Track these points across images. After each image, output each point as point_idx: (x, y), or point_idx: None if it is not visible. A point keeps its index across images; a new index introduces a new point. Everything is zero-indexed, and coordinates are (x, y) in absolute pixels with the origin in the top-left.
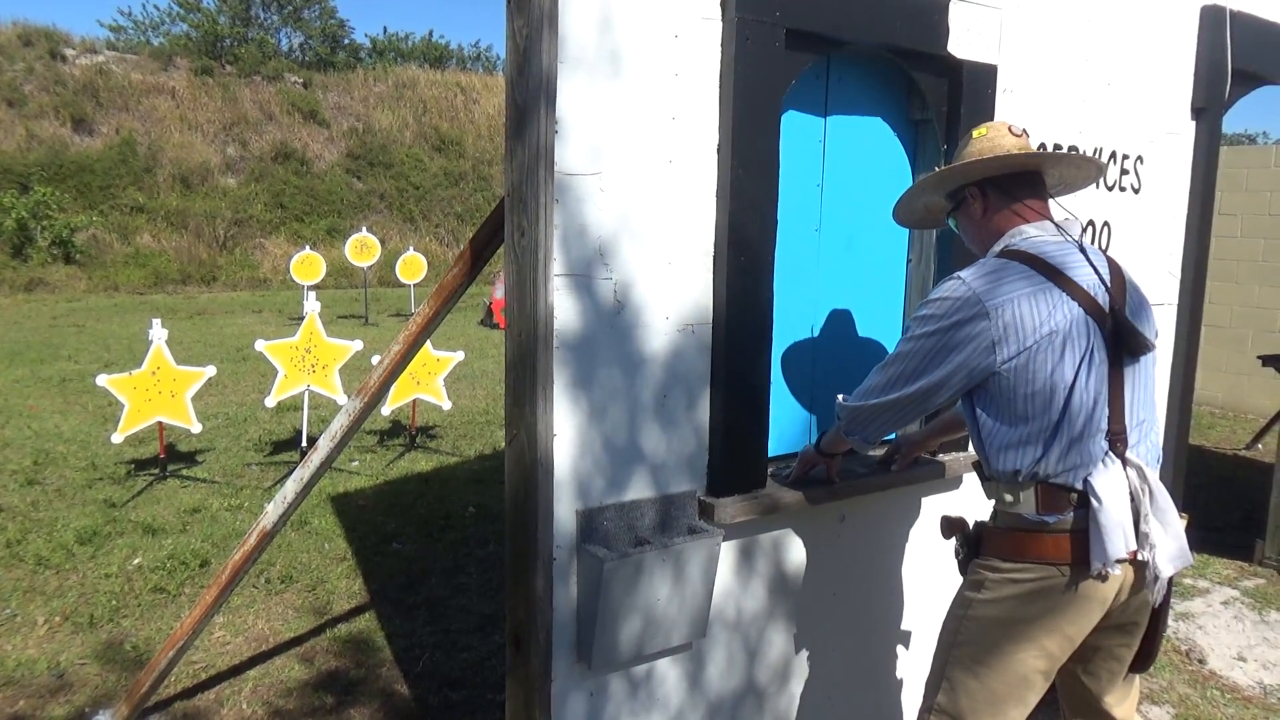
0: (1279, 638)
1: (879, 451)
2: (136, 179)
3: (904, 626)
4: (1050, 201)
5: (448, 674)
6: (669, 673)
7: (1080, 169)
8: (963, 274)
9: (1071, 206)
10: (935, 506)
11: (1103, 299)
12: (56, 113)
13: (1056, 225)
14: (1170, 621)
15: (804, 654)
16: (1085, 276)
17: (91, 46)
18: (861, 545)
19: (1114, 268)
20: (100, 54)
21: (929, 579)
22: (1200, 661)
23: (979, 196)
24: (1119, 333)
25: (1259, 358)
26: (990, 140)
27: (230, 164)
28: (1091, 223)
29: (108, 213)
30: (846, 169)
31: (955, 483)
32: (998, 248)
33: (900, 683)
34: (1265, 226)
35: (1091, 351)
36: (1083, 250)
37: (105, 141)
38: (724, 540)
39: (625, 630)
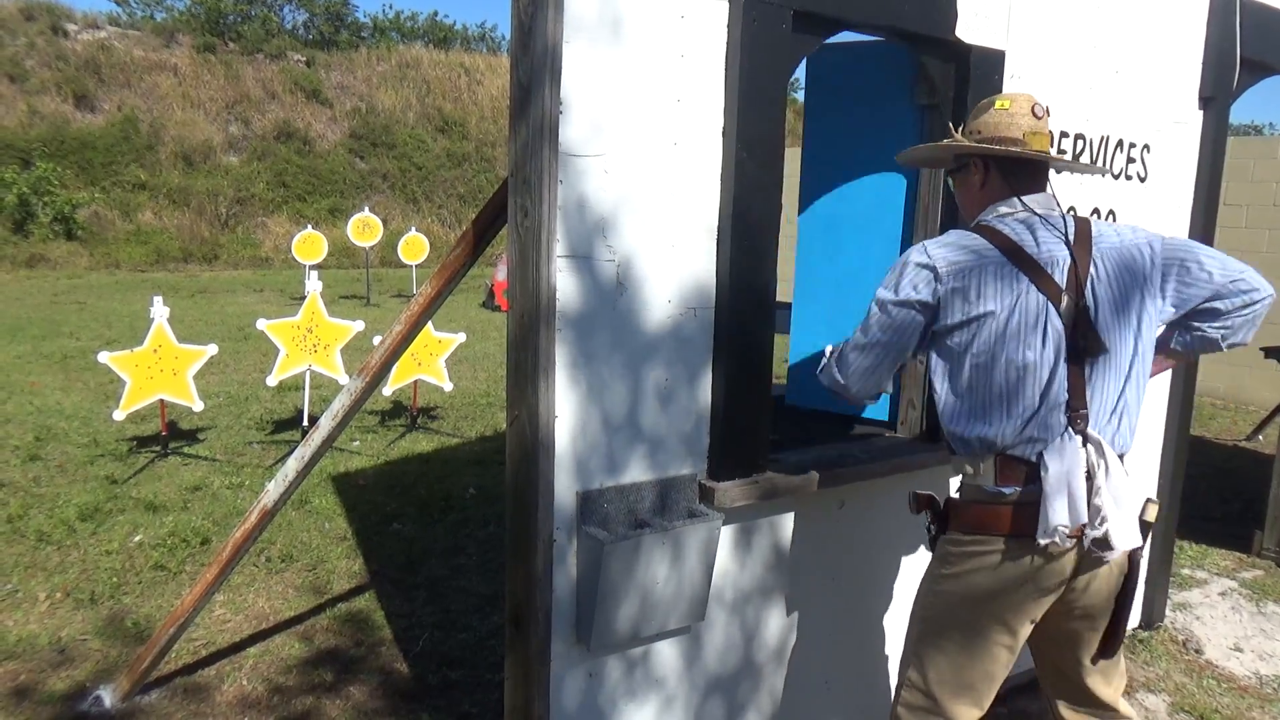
0: (1276, 629)
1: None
2: (139, 156)
3: (901, 612)
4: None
5: (447, 654)
6: (667, 654)
7: (1084, 173)
8: (927, 243)
9: (1078, 194)
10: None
11: (1061, 279)
12: (59, 88)
13: (1029, 207)
14: (1168, 611)
15: (802, 638)
16: (1046, 257)
17: (94, 22)
18: (860, 531)
19: (1083, 250)
20: (102, 30)
21: (925, 564)
22: (1197, 651)
23: (981, 169)
24: (1077, 326)
25: (1261, 349)
26: (1010, 116)
27: (232, 142)
28: (1096, 210)
29: (110, 189)
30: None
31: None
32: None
33: (897, 666)
34: (1270, 217)
35: (1046, 330)
36: (1052, 230)
37: (107, 118)
38: (723, 524)
39: (623, 612)
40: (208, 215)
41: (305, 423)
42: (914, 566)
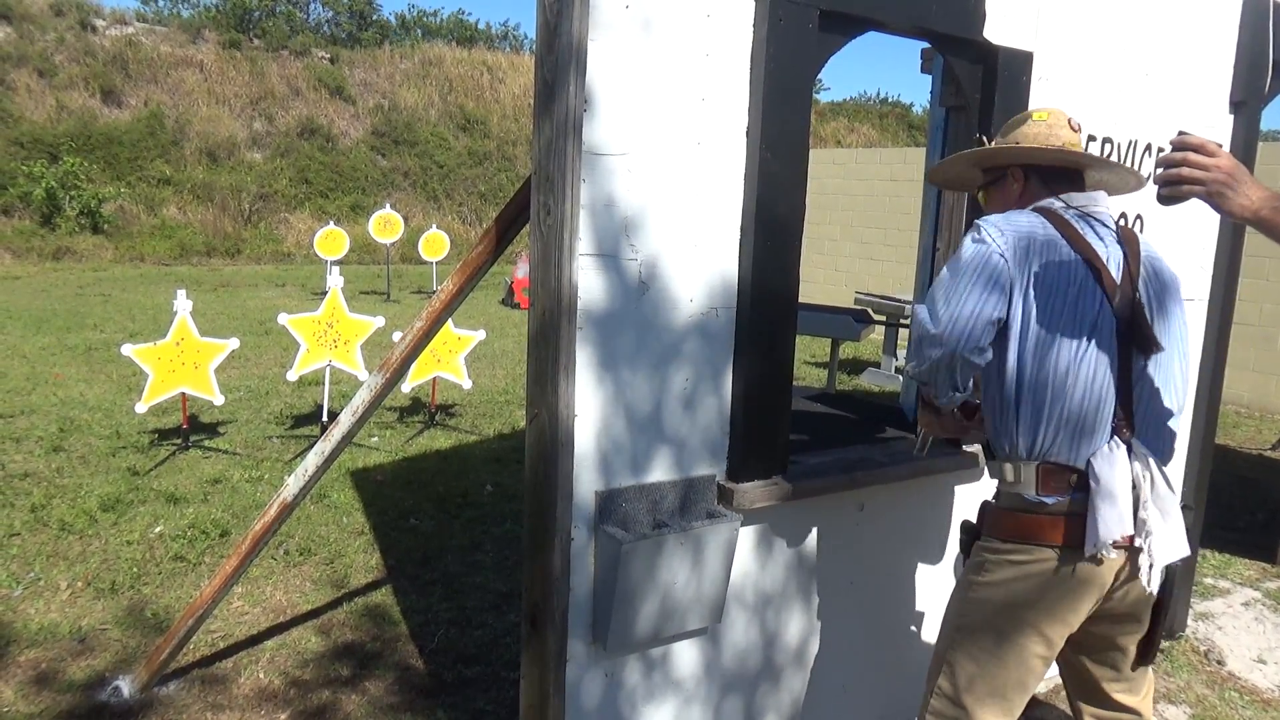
0: None
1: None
2: (164, 151)
3: (921, 616)
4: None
5: (463, 650)
6: (685, 655)
7: (1121, 178)
8: (992, 224)
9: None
10: (954, 497)
11: (1116, 275)
12: (86, 84)
13: (1078, 204)
14: (1189, 621)
15: (821, 641)
16: (1104, 252)
17: (121, 18)
18: (880, 534)
19: (1133, 250)
20: (130, 25)
21: (946, 569)
22: (1219, 662)
23: (1021, 179)
24: (1133, 322)
25: None
26: (1049, 128)
27: (256, 138)
28: (1124, 215)
29: (135, 184)
30: None
31: (976, 474)
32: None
33: (916, 672)
34: None
35: (1099, 326)
36: (1104, 228)
37: (134, 113)
38: (742, 525)
39: (641, 612)
40: (231, 210)
41: (325, 418)
42: (934, 571)
